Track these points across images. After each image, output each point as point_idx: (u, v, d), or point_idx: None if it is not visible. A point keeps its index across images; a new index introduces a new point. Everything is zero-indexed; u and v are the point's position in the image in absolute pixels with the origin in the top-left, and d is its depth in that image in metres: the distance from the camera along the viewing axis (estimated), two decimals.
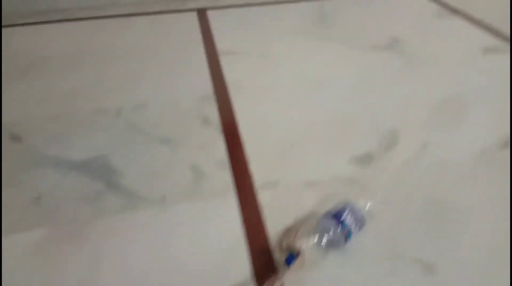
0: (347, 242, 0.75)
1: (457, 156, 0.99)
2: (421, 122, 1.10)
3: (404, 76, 1.33)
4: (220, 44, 1.56)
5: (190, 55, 1.48)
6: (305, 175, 0.94)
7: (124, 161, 0.99)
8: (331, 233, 0.73)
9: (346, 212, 0.76)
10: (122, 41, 1.59)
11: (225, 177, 0.94)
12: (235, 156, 1.00)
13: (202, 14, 1.83)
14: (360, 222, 0.77)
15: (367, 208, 0.79)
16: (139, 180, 0.94)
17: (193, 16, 1.82)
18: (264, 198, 0.89)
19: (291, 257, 0.71)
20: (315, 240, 0.73)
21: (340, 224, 0.74)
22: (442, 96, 1.20)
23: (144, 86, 1.30)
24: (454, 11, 1.80)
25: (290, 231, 0.79)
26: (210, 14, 1.82)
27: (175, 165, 0.98)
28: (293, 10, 1.87)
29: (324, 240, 0.73)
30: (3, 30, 1.66)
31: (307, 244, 0.72)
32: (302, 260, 0.70)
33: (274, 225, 0.82)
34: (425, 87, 1.26)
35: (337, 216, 0.75)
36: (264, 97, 1.24)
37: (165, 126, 1.11)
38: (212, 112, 1.16)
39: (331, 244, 0.73)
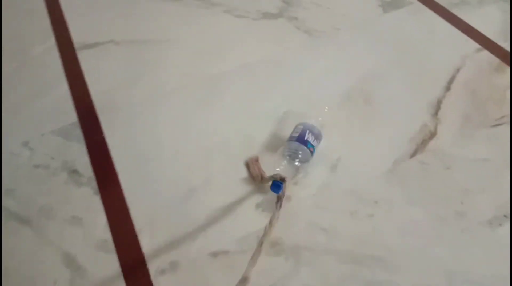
0: (313, 156, 0.87)
1: (369, 173, 0.90)
2: (327, 130, 0.97)
3: (300, 57, 1.15)
4: (76, 31, 1.22)
5: (39, 57, 1.15)
6: (208, 243, 0.79)
7: None
8: (300, 154, 0.85)
9: (307, 133, 0.87)
10: None
11: (110, 265, 0.76)
12: (120, 228, 0.81)
13: None
14: (318, 137, 0.89)
15: (320, 123, 0.91)
16: None
17: None
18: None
19: (276, 184, 0.80)
20: (287, 163, 0.85)
21: (305, 144, 0.85)
22: (345, 86, 1.06)
23: None
24: None
25: (253, 162, 0.89)
26: None
27: (42, 260, 0.77)
28: None
29: (296, 161, 0.85)
30: None
31: (283, 168, 0.84)
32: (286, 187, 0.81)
33: None
34: (326, 71, 1.11)
35: (300, 138, 0.86)
36: (144, 117, 1.00)
37: (21, 192, 0.86)
38: (81, 156, 0.92)
39: (301, 162, 0.85)
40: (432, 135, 0.96)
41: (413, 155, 0.92)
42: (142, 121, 0.99)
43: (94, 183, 0.87)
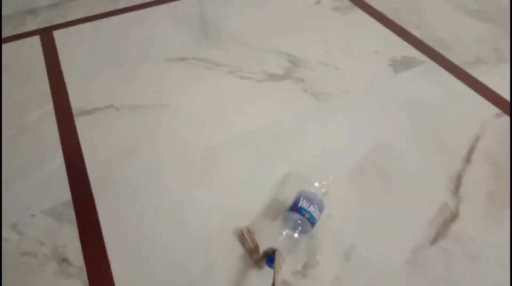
0: (314, 226, 0.82)
1: (386, 262, 0.81)
2: (337, 211, 0.89)
3: (306, 123, 1.08)
4: (75, 95, 1.18)
5: (35, 124, 1.10)
6: None
7: None
8: (297, 224, 0.80)
9: (301, 200, 0.82)
10: None
11: None
12: None
13: (46, 38, 1.38)
14: (319, 205, 0.83)
15: (322, 190, 0.88)
16: None
17: (36, 43, 1.37)
18: None
19: (271, 259, 0.75)
20: (285, 235, 0.79)
21: (302, 215, 0.80)
22: (356, 156, 1.00)
23: None
24: (354, 2, 1.54)
25: (245, 234, 0.82)
26: (58, 38, 1.38)
27: None
28: (165, 15, 1.49)
29: (293, 232, 0.79)
30: None
31: (280, 241, 0.78)
32: (280, 257, 0.74)
33: None
34: (334, 138, 1.05)
35: (294, 207, 0.82)
36: (140, 195, 0.93)
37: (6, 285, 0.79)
38: (72, 241, 0.85)
39: (301, 232, 0.80)
40: (454, 216, 0.88)
41: (434, 240, 0.84)
42: (137, 200, 0.92)
43: (84, 275, 0.80)
